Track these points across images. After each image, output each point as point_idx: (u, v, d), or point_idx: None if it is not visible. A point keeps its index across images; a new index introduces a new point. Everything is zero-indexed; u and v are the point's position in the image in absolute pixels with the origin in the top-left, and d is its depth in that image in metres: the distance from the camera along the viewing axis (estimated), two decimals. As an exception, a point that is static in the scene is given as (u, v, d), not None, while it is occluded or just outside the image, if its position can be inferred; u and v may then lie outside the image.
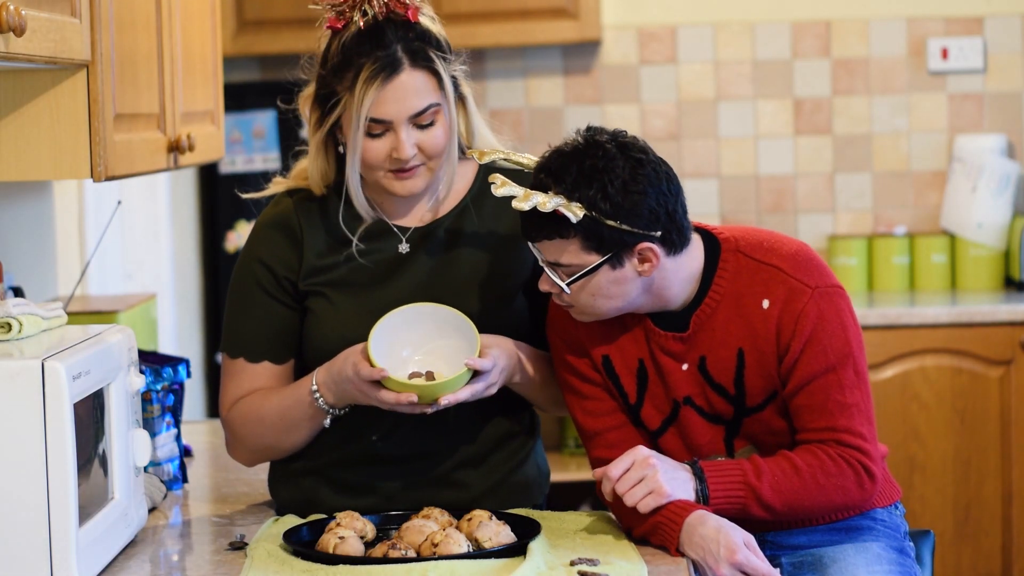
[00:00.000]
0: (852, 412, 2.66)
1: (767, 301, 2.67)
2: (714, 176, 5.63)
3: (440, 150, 2.76)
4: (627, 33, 5.63)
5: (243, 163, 5.40)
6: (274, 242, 2.84)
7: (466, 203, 2.86)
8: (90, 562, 2.42)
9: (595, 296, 2.64)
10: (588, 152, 2.60)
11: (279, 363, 2.85)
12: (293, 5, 5.38)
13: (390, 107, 2.71)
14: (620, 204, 2.57)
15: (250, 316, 2.85)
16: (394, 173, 2.76)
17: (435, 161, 2.77)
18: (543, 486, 2.97)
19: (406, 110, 2.72)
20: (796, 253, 2.71)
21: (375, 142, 2.74)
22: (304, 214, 2.84)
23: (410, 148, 2.73)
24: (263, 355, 2.85)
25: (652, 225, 2.60)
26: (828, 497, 2.66)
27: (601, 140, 2.61)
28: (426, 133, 2.74)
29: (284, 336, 2.84)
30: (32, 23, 2.34)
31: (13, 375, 2.30)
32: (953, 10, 5.55)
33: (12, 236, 3.60)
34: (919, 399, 5.01)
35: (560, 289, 2.63)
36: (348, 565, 2.51)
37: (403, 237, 2.84)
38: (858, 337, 2.70)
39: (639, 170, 2.59)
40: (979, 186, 5.38)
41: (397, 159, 2.73)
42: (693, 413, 2.72)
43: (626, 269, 2.62)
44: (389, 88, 2.71)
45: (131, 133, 2.96)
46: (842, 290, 2.71)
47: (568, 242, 2.60)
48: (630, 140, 2.63)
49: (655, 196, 2.59)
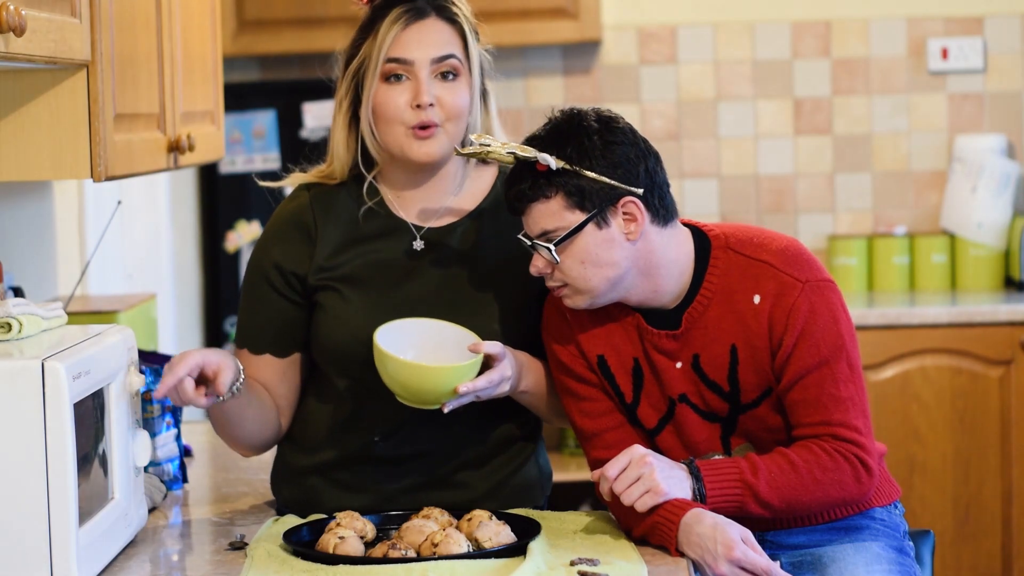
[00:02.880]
0: (847, 406, 2.67)
1: (758, 296, 2.68)
2: (714, 176, 5.64)
3: (460, 109, 2.75)
4: (627, 33, 5.63)
5: (243, 163, 5.40)
6: (287, 238, 2.84)
7: (483, 207, 2.86)
8: (90, 562, 2.42)
9: (585, 264, 2.63)
10: (564, 118, 2.67)
11: (281, 357, 2.85)
12: (293, 5, 5.39)
13: (412, 47, 2.72)
14: (599, 156, 2.62)
15: (255, 310, 2.86)
16: (413, 131, 2.74)
17: (453, 124, 2.76)
18: (544, 487, 2.97)
19: (428, 52, 2.72)
20: (785, 248, 2.71)
21: (394, 90, 2.73)
22: (320, 209, 2.84)
23: (430, 94, 2.72)
24: (265, 348, 2.85)
25: (632, 179, 2.62)
26: (825, 492, 2.66)
27: (575, 108, 2.68)
28: (447, 89, 2.74)
29: (288, 331, 2.85)
30: (32, 23, 2.34)
31: (13, 375, 2.30)
32: (953, 10, 5.55)
33: (12, 236, 3.60)
34: (919, 399, 5.01)
35: (550, 256, 2.63)
36: (348, 565, 2.51)
37: (418, 234, 2.83)
38: (850, 330, 2.70)
39: (613, 125, 2.65)
40: (979, 186, 5.38)
41: (417, 107, 2.72)
42: (689, 411, 2.73)
43: (612, 229, 2.63)
44: (413, 28, 2.73)
45: (131, 133, 2.96)
46: (833, 284, 2.71)
47: (551, 202, 2.61)
48: (604, 110, 2.69)
49: (633, 149, 2.64)
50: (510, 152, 2.64)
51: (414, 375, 2.64)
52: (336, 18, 5.29)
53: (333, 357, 2.82)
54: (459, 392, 2.65)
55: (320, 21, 5.36)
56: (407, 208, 2.85)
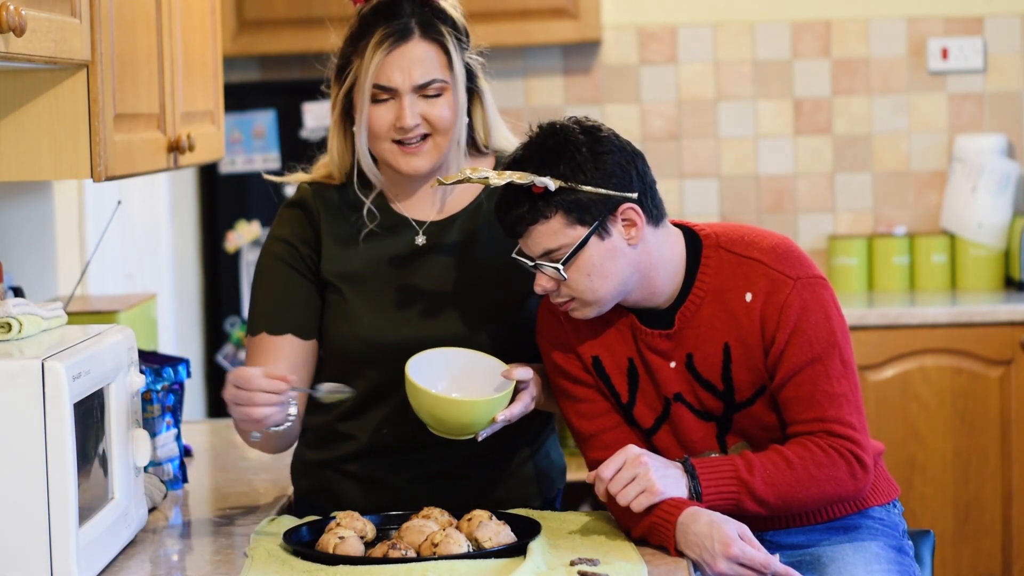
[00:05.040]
0: (840, 402, 2.67)
1: (750, 294, 2.68)
2: (714, 176, 5.63)
3: (446, 125, 2.79)
4: (627, 33, 5.63)
5: (243, 163, 5.40)
6: (296, 221, 2.87)
7: (481, 200, 2.88)
8: (90, 562, 2.42)
9: (591, 276, 2.63)
10: (547, 135, 2.66)
11: (304, 338, 2.85)
12: (293, 5, 5.39)
13: (395, 74, 2.76)
14: (592, 169, 2.61)
15: (272, 291, 2.85)
16: (399, 147, 2.78)
17: (441, 137, 2.80)
18: (556, 480, 2.98)
19: (411, 79, 2.76)
20: (776, 246, 2.71)
21: (380, 108, 2.78)
22: (322, 203, 2.88)
23: (412, 118, 2.76)
24: (287, 327, 2.84)
25: (627, 185, 2.63)
26: (821, 488, 2.66)
27: (556, 123, 2.67)
28: (432, 105, 2.78)
29: (308, 310, 2.85)
30: (32, 23, 2.34)
31: (13, 375, 2.30)
32: (953, 10, 5.55)
33: (12, 236, 3.60)
34: (919, 399, 5.01)
35: (557, 275, 2.63)
36: (348, 565, 2.51)
37: (419, 230, 2.85)
38: (843, 327, 2.70)
39: (598, 134, 2.65)
40: (979, 186, 5.38)
41: (400, 128, 2.76)
42: (684, 410, 2.73)
43: (614, 238, 2.63)
44: (396, 54, 2.76)
45: (131, 133, 2.96)
46: (824, 280, 2.71)
47: (551, 221, 2.61)
48: (583, 118, 2.68)
49: (621, 155, 2.64)
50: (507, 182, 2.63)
51: (449, 410, 2.65)
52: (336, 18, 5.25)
53: (341, 355, 2.84)
54: (496, 421, 2.67)
55: (320, 21, 5.34)
56: (407, 205, 2.87)
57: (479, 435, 2.69)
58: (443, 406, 2.65)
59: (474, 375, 2.74)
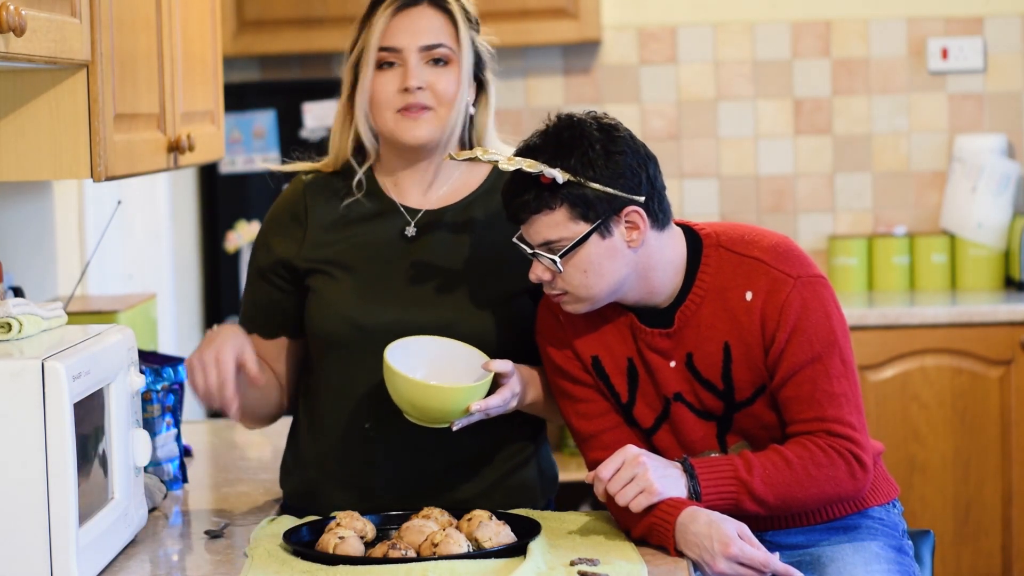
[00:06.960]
0: (840, 401, 2.67)
1: (750, 293, 2.68)
2: (714, 176, 5.64)
3: (450, 97, 2.80)
4: (627, 33, 5.63)
5: (243, 163, 5.40)
6: (279, 224, 2.92)
7: (477, 195, 2.88)
8: (90, 562, 2.42)
9: (587, 273, 2.63)
10: (564, 126, 2.67)
11: (267, 338, 2.93)
12: (293, 5, 5.39)
13: (402, 35, 2.79)
14: (602, 167, 2.62)
15: (247, 293, 2.96)
16: (401, 114, 2.79)
17: (444, 109, 2.81)
18: (547, 490, 2.96)
19: (417, 39, 2.79)
20: (776, 245, 2.71)
21: (385, 75, 2.80)
22: (312, 194, 2.90)
23: (417, 78, 2.78)
24: (253, 329, 2.93)
25: (635, 188, 2.63)
26: (820, 488, 2.66)
27: (574, 116, 2.68)
28: (437, 72, 2.80)
29: (273, 315, 2.91)
30: (32, 23, 2.34)
31: (13, 375, 2.30)
32: (953, 10, 5.55)
33: (12, 236, 3.60)
34: (919, 399, 5.01)
35: (553, 267, 2.63)
36: (348, 565, 2.51)
37: (411, 220, 2.85)
38: (843, 326, 2.70)
39: (615, 134, 2.66)
40: (979, 186, 5.38)
41: (405, 90, 2.77)
42: (684, 410, 2.73)
43: (615, 239, 2.63)
44: (403, 15, 2.80)
45: (131, 133, 2.96)
46: (824, 280, 2.71)
47: (555, 213, 2.61)
48: (601, 115, 2.70)
49: (634, 158, 2.64)
50: (517, 168, 2.63)
51: (426, 395, 2.65)
52: (336, 18, 5.29)
53: (325, 341, 2.84)
54: (471, 411, 2.66)
55: (320, 21, 5.36)
56: (401, 194, 2.88)
57: (454, 424, 2.68)
58: (418, 391, 2.64)
59: (454, 365, 2.73)
